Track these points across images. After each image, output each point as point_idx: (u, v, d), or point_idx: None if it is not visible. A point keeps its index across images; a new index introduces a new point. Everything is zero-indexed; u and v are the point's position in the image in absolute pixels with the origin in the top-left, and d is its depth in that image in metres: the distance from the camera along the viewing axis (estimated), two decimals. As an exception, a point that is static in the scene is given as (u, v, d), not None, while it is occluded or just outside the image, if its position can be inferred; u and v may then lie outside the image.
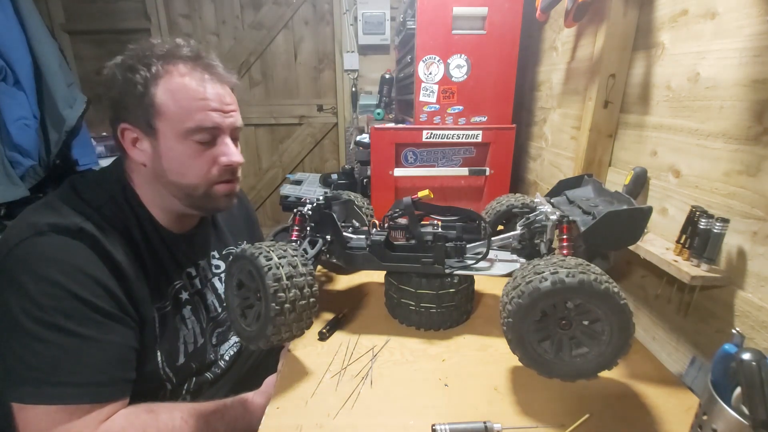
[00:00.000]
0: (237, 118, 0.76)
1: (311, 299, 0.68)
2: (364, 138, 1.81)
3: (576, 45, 1.27)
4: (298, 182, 2.10)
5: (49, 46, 1.78)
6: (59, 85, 1.77)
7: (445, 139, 1.53)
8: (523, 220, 0.86)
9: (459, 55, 1.44)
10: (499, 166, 1.56)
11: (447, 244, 0.85)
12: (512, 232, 0.88)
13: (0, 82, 1.65)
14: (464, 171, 1.59)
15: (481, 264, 0.85)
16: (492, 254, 0.87)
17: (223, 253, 0.95)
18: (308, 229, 0.90)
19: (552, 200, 0.88)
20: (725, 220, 0.70)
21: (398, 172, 1.57)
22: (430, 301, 0.85)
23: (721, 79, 0.75)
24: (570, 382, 0.70)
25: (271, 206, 3.19)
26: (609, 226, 0.70)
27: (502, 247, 0.91)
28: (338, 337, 0.86)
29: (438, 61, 1.45)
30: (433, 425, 0.61)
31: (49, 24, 2.53)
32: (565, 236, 0.76)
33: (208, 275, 0.90)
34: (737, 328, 0.53)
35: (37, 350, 0.60)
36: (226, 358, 0.92)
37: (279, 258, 0.67)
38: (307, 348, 0.82)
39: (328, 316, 0.92)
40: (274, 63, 2.89)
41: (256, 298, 0.70)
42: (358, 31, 2.66)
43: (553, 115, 1.45)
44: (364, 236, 0.91)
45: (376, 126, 1.54)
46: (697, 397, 0.69)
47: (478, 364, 0.78)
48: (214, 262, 0.93)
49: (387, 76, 2.05)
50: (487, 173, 1.57)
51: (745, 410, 0.47)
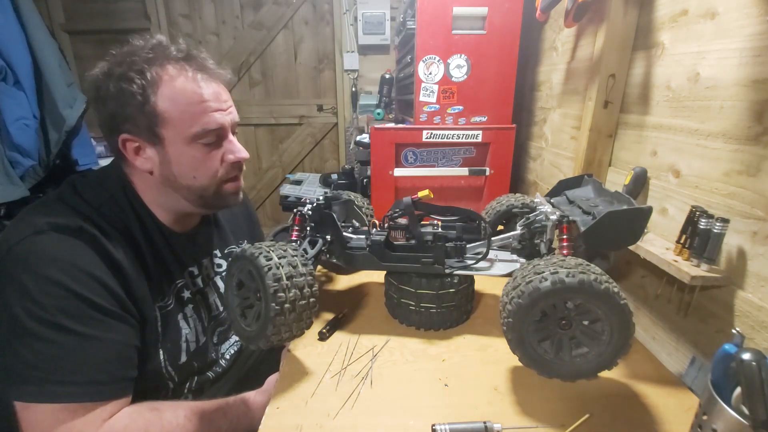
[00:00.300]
0: (235, 114, 0.76)
1: (311, 299, 0.68)
2: (364, 138, 1.81)
3: (576, 45, 1.27)
4: (298, 182, 2.10)
5: (49, 46, 1.78)
6: (59, 85, 1.76)
7: (445, 139, 1.53)
8: (523, 220, 0.86)
9: (459, 55, 1.44)
10: (499, 166, 1.56)
11: (447, 244, 0.85)
12: (512, 232, 0.88)
13: (0, 82, 1.65)
14: (464, 171, 1.59)
15: (481, 264, 0.85)
16: (492, 254, 0.87)
17: (225, 252, 0.95)
18: (308, 229, 0.90)
19: (552, 200, 0.88)
20: (725, 220, 0.70)
21: (398, 172, 1.57)
22: (430, 301, 0.85)
23: (721, 79, 0.75)
24: (570, 382, 0.70)
25: (271, 206, 3.19)
26: (609, 226, 0.70)
27: (502, 247, 0.91)
28: (338, 337, 0.86)
29: (438, 61, 1.45)
30: (433, 425, 0.61)
31: (49, 24, 2.53)
32: (565, 236, 0.76)
33: (210, 274, 0.90)
34: (737, 328, 0.53)
35: (39, 349, 0.60)
36: (227, 357, 0.92)
37: (279, 258, 0.67)
38: (307, 348, 0.82)
39: (328, 316, 0.92)
40: (274, 63, 2.89)
41: (256, 298, 0.70)
42: (358, 31, 2.66)
43: (553, 115, 1.45)
44: (364, 236, 0.91)
45: (376, 126, 1.54)
46: (697, 397, 0.69)
47: (478, 364, 0.78)
48: (216, 261, 0.93)
49: (387, 76, 2.05)
50: (487, 173, 1.57)
51: (745, 410, 0.47)
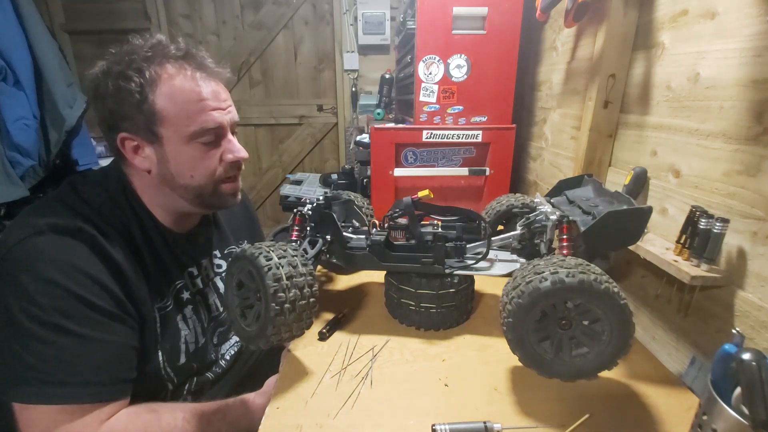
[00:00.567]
0: (234, 113, 0.76)
1: (311, 299, 0.68)
2: (364, 138, 1.81)
3: (576, 45, 1.27)
4: (298, 182, 2.10)
5: (49, 46, 1.78)
6: (59, 85, 1.77)
7: (445, 139, 1.53)
8: (523, 220, 0.86)
9: (459, 55, 1.44)
10: (499, 166, 1.56)
11: (447, 244, 0.85)
12: (512, 232, 0.88)
13: (0, 82, 1.65)
14: (464, 171, 1.59)
15: (481, 264, 0.85)
16: (492, 254, 0.87)
17: (225, 253, 0.95)
18: (308, 229, 0.90)
19: (552, 200, 0.88)
20: (725, 220, 0.70)
21: (398, 172, 1.57)
22: (430, 301, 0.85)
23: (721, 79, 0.75)
24: (570, 382, 0.70)
25: (271, 206, 3.19)
26: (609, 226, 0.70)
27: (502, 247, 0.91)
28: (338, 337, 0.86)
29: (438, 61, 1.45)
30: (433, 425, 0.61)
31: (49, 24, 2.53)
32: (565, 236, 0.76)
33: (210, 274, 0.90)
34: (737, 328, 0.53)
35: (37, 350, 0.60)
36: (227, 358, 0.92)
37: (279, 258, 0.67)
38: (307, 348, 0.82)
39: (328, 316, 0.92)
40: (274, 63, 2.89)
41: (256, 298, 0.70)
42: (358, 31, 2.66)
43: (553, 115, 1.45)
44: (364, 236, 0.91)
45: (376, 126, 1.54)
46: (697, 397, 0.69)
47: (478, 364, 0.78)
48: (216, 262, 0.93)
49: (387, 76, 2.05)
50: (487, 173, 1.57)
51: (745, 410, 0.47)
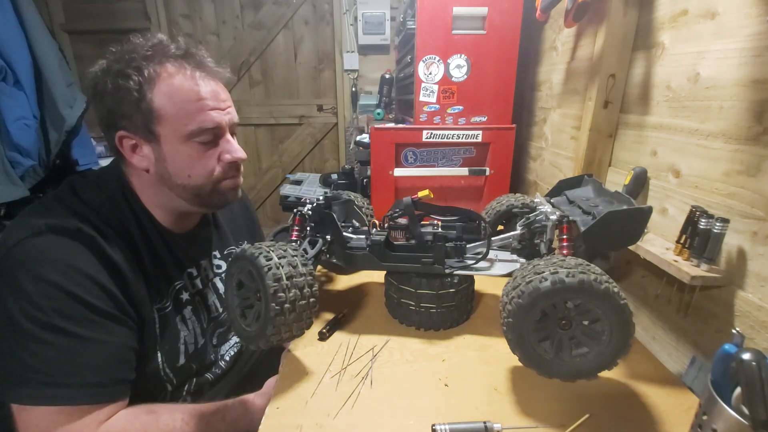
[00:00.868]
0: (233, 114, 0.76)
1: (311, 299, 0.68)
2: (364, 138, 1.81)
3: (576, 45, 1.26)
4: (298, 182, 2.10)
5: (49, 46, 1.78)
6: (59, 85, 1.76)
7: (445, 139, 1.53)
8: (523, 220, 0.86)
9: (459, 55, 1.44)
10: (499, 166, 1.56)
11: (447, 244, 0.85)
12: (512, 232, 0.88)
13: (0, 82, 1.65)
14: (464, 171, 1.59)
15: (481, 264, 0.85)
16: (492, 254, 0.87)
17: (225, 253, 0.95)
18: (308, 229, 0.90)
19: (552, 200, 0.88)
20: (725, 220, 0.70)
21: (398, 172, 1.57)
22: (430, 301, 0.85)
23: (721, 79, 0.75)
24: (570, 382, 0.70)
25: (271, 206, 3.19)
26: (609, 226, 0.70)
27: (502, 247, 0.91)
28: (338, 337, 0.86)
29: (438, 61, 1.45)
30: (433, 425, 0.61)
31: (49, 24, 2.53)
32: (565, 236, 0.76)
33: (210, 275, 0.90)
34: (737, 328, 0.52)
35: (36, 351, 0.60)
36: (226, 359, 0.92)
37: (279, 258, 0.67)
38: (307, 348, 0.82)
39: (328, 316, 0.92)
40: (274, 63, 2.89)
41: (256, 298, 0.70)
42: (358, 31, 2.66)
43: (553, 115, 1.45)
44: (364, 236, 0.90)
45: (376, 126, 1.54)
46: (697, 397, 0.69)
47: (478, 364, 0.78)
48: (216, 262, 0.93)
49: (387, 76, 2.05)
50: (487, 173, 1.57)
51: (745, 410, 0.47)
